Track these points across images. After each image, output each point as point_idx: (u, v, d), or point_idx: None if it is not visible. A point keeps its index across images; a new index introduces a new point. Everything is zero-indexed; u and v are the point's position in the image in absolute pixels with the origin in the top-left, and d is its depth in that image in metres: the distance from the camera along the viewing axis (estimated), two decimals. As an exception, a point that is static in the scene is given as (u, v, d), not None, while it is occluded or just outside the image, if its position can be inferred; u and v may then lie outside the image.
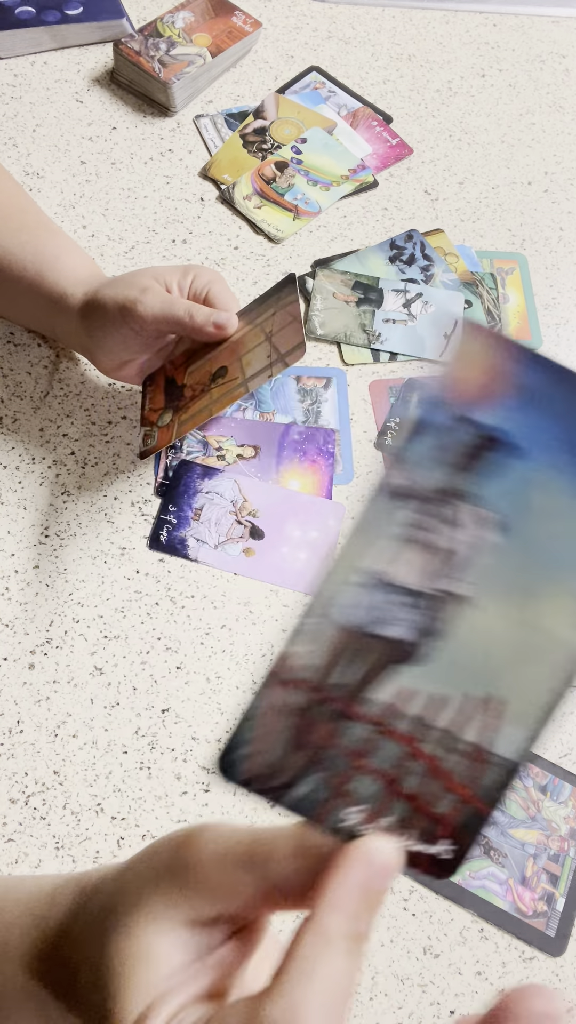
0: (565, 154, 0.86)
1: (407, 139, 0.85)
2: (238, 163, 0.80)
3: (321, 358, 0.72)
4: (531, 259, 0.79)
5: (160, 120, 0.82)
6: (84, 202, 0.77)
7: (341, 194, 0.80)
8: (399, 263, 0.77)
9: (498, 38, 0.94)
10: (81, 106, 0.82)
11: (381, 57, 0.90)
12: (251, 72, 0.87)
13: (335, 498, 0.66)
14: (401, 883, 0.54)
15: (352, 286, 0.75)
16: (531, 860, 0.55)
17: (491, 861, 0.54)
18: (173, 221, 0.77)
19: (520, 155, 0.86)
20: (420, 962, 0.52)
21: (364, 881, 0.22)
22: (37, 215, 0.66)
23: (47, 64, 0.85)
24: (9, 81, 0.83)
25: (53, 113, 0.81)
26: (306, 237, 0.78)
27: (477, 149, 0.85)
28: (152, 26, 0.83)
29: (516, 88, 0.90)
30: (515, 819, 0.56)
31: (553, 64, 0.93)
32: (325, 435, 0.68)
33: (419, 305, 0.74)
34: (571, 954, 0.53)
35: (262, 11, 0.91)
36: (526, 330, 0.75)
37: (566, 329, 0.76)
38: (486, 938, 0.53)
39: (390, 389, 0.71)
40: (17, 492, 0.63)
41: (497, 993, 0.24)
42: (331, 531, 0.64)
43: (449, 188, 0.82)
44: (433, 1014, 0.51)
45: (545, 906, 0.54)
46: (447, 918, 0.53)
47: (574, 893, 0.54)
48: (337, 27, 0.92)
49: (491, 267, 0.78)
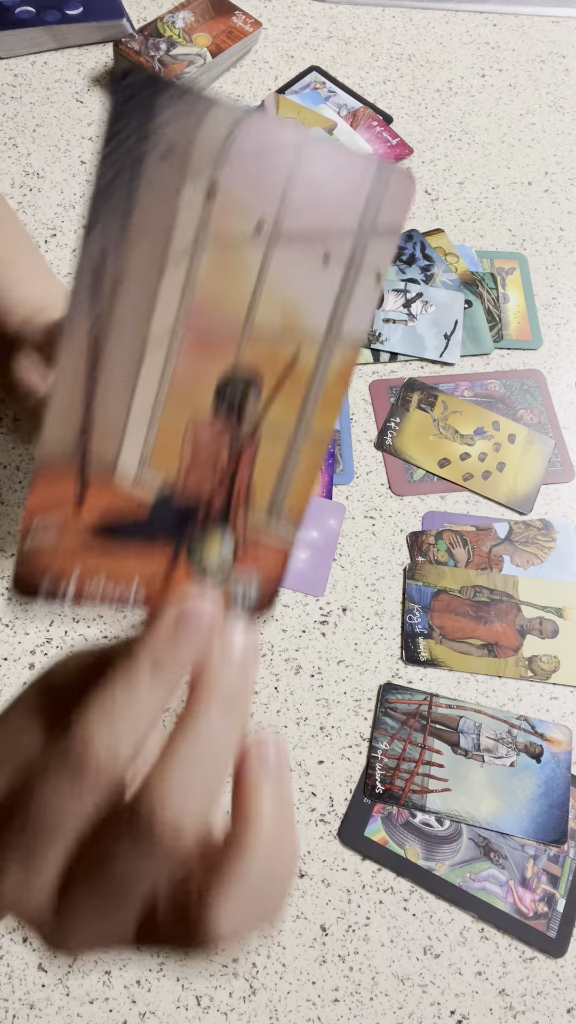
0: (565, 154, 0.86)
1: (407, 139, 0.85)
2: (238, 163, 0.80)
3: (321, 358, 0.72)
4: (531, 259, 0.79)
5: (160, 120, 0.82)
6: (84, 202, 0.77)
7: (341, 194, 0.80)
8: (399, 263, 0.77)
9: (498, 38, 0.94)
10: (81, 106, 0.82)
11: (381, 57, 0.90)
12: (251, 72, 0.87)
13: (335, 498, 0.66)
14: (401, 884, 0.54)
15: (352, 286, 0.75)
16: (531, 861, 0.55)
17: (491, 863, 0.54)
18: (173, 221, 0.77)
19: (520, 155, 0.86)
20: (420, 962, 0.52)
21: (172, 626, 0.24)
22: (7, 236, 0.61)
23: (47, 64, 0.85)
24: (9, 81, 0.83)
25: (53, 113, 0.81)
26: (306, 237, 0.78)
27: (477, 149, 0.85)
28: (152, 26, 0.83)
29: (516, 88, 0.90)
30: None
31: (553, 64, 0.93)
32: (325, 435, 0.68)
33: (419, 305, 0.74)
34: (572, 955, 0.53)
35: (262, 11, 0.91)
36: (526, 330, 0.75)
37: (566, 329, 0.76)
38: (486, 938, 0.53)
39: (390, 389, 0.71)
40: (17, 492, 0.63)
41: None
42: (331, 531, 0.64)
43: (449, 188, 0.82)
44: (433, 1014, 0.51)
45: (545, 907, 0.54)
46: (447, 918, 0.53)
47: (574, 894, 0.54)
48: (337, 27, 0.92)
49: (491, 267, 0.78)
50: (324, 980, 0.51)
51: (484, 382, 0.72)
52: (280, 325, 0.25)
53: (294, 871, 0.26)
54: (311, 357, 0.26)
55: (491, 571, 0.64)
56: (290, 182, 0.24)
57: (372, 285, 0.25)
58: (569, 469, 0.69)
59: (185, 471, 0.26)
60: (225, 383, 0.26)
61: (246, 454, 0.27)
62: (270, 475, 0.27)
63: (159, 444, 0.26)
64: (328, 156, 0.24)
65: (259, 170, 0.24)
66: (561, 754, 0.57)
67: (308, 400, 0.26)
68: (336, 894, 0.53)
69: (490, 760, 0.57)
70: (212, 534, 0.27)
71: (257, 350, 0.25)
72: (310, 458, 0.27)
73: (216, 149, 0.23)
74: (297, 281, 0.25)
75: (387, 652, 0.61)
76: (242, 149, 0.23)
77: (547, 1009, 0.52)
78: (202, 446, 0.26)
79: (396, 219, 0.25)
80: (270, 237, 0.25)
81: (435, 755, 0.57)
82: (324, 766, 0.57)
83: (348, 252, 0.25)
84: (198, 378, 0.25)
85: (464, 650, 0.61)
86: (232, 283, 0.25)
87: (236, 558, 0.28)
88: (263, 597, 0.28)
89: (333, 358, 0.26)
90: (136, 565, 0.27)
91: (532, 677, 0.60)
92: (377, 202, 0.25)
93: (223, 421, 0.26)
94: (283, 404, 0.26)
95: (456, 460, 0.68)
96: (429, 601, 0.62)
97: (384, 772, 0.56)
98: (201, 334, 0.25)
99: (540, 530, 0.66)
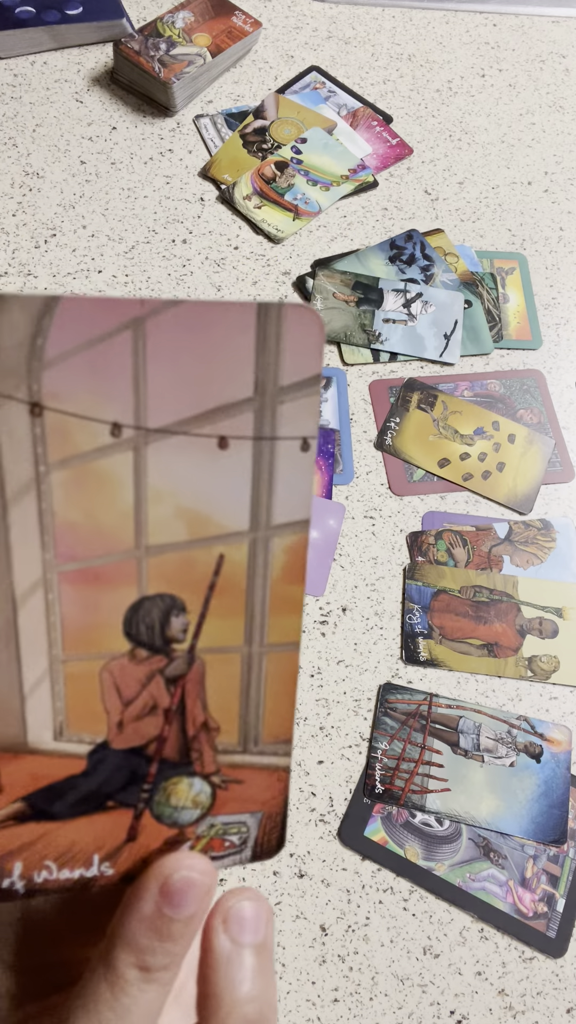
0: (565, 154, 0.86)
1: (407, 139, 0.85)
2: (238, 163, 0.80)
3: (321, 358, 0.72)
4: (531, 259, 0.79)
5: (160, 120, 0.82)
6: (84, 202, 0.77)
7: (341, 194, 0.80)
8: (399, 263, 0.77)
9: (498, 38, 0.94)
10: (81, 106, 0.82)
11: (381, 57, 0.90)
12: (251, 72, 0.87)
13: (335, 498, 0.66)
14: (401, 884, 0.54)
15: (352, 286, 0.75)
16: (531, 861, 0.55)
17: (491, 863, 0.54)
18: (173, 221, 0.77)
19: (520, 155, 0.86)
20: (420, 962, 0.52)
21: (153, 911, 0.20)
22: None
23: (47, 64, 0.85)
24: (9, 81, 0.83)
25: (53, 113, 0.81)
26: (306, 237, 0.78)
27: (477, 149, 0.85)
28: (152, 26, 0.83)
29: (516, 88, 0.90)
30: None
31: (553, 64, 0.93)
32: (325, 435, 0.68)
33: (419, 305, 0.74)
34: (572, 955, 0.53)
35: (262, 11, 0.91)
36: (526, 330, 0.75)
37: (566, 329, 0.76)
38: (486, 938, 0.53)
39: (390, 389, 0.71)
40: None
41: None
42: (331, 531, 0.64)
43: (449, 188, 0.82)
44: (433, 1014, 0.51)
45: (545, 907, 0.54)
46: (447, 918, 0.53)
47: (574, 894, 0.54)
48: (337, 27, 0.92)
49: (491, 267, 0.78)
50: (324, 980, 0.51)
51: (484, 382, 0.72)
52: (184, 531, 0.21)
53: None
54: (240, 556, 0.22)
55: (491, 571, 0.64)
56: (140, 368, 0.19)
57: (299, 455, 0.21)
58: (569, 469, 0.69)
59: (117, 722, 0.22)
60: (132, 613, 0.21)
61: (188, 684, 0.23)
62: (230, 698, 0.23)
63: (72, 704, 0.22)
64: (186, 318, 0.19)
65: (92, 365, 0.19)
66: (561, 754, 0.57)
67: (254, 605, 0.22)
68: (336, 894, 0.53)
69: (490, 760, 0.57)
70: (175, 781, 0.23)
71: (163, 566, 0.21)
72: (280, 669, 0.23)
73: (24, 356, 0.19)
74: (190, 477, 0.21)
75: (387, 652, 0.61)
76: (61, 346, 0.19)
77: (547, 1009, 0.52)
78: (129, 689, 0.22)
79: (308, 367, 0.20)
80: (135, 437, 0.20)
81: (435, 755, 0.57)
82: (324, 766, 0.57)
83: (250, 427, 0.21)
84: (97, 618, 0.21)
85: (464, 650, 0.61)
86: (102, 501, 0.20)
87: (216, 800, 0.23)
88: (266, 833, 0.24)
89: (273, 550, 0.22)
90: (91, 839, 0.22)
91: (532, 677, 0.60)
92: (272, 356, 0.20)
93: (146, 655, 0.22)
94: (221, 617, 0.22)
95: (456, 460, 0.68)
96: (429, 601, 0.62)
97: (384, 772, 0.56)
98: (83, 568, 0.21)
99: (540, 530, 0.66)
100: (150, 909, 0.20)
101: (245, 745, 0.23)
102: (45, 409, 0.19)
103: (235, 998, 0.20)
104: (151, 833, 0.23)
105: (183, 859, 0.21)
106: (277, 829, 0.24)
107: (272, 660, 0.23)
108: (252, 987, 0.20)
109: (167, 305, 0.19)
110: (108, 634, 0.21)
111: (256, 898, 0.22)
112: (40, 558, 0.21)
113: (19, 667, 0.21)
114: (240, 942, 0.21)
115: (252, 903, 0.21)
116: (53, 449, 0.19)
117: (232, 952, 0.21)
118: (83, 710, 0.22)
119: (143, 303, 0.19)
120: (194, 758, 0.23)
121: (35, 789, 0.22)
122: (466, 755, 0.57)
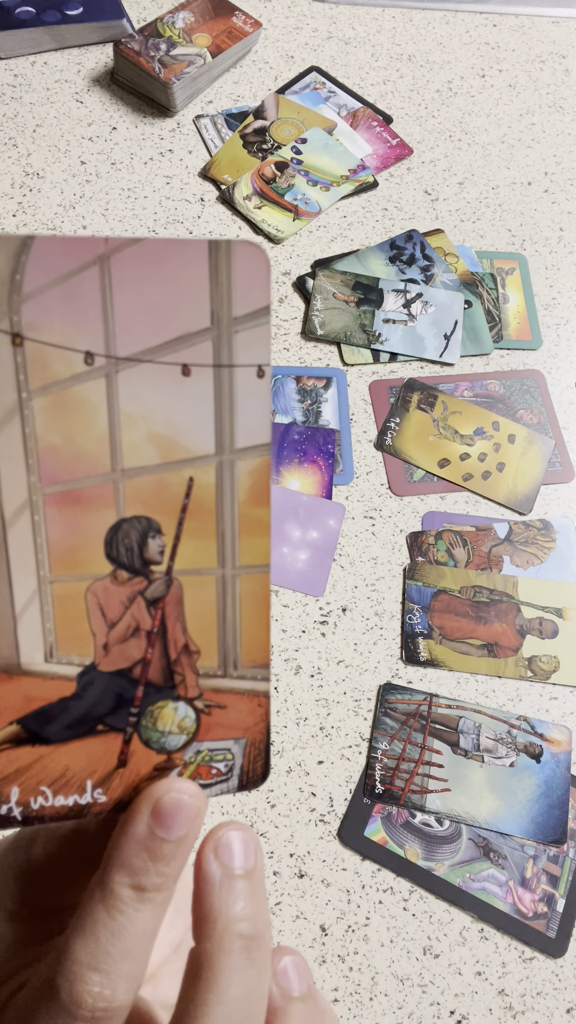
0: (565, 154, 0.86)
1: (407, 139, 0.85)
2: (238, 163, 0.80)
3: (321, 358, 0.72)
4: (531, 259, 0.79)
5: (160, 120, 0.82)
6: (84, 202, 0.77)
7: (341, 194, 0.80)
8: (399, 263, 0.77)
9: (498, 38, 0.94)
10: (81, 106, 0.82)
11: (381, 57, 0.90)
12: (251, 72, 0.87)
13: (335, 498, 0.66)
14: (401, 884, 0.54)
15: (352, 286, 0.75)
16: (531, 861, 0.55)
17: (491, 863, 0.54)
18: (173, 221, 0.77)
19: (520, 155, 0.86)
20: (420, 962, 0.52)
21: (145, 832, 0.21)
22: None
23: (47, 64, 0.85)
24: (9, 81, 0.83)
25: (53, 113, 0.81)
26: (306, 237, 0.78)
27: (477, 149, 0.85)
28: (152, 26, 0.83)
29: (516, 88, 0.90)
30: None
31: (553, 64, 0.93)
32: (325, 435, 0.68)
33: (419, 305, 0.74)
34: (571, 955, 0.53)
35: (262, 11, 0.91)
36: (526, 330, 0.75)
37: (566, 329, 0.76)
38: (486, 938, 0.53)
39: (390, 389, 0.71)
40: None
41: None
42: (331, 531, 0.64)
43: (449, 188, 0.82)
44: (433, 1014, 0.51)
45: (545, 907, 0.54)
46: (447, 918, 0.53)
47: (574, 894, 0.54)
48: (337, 27, 0.92)
49: (491, 267, 0.78)
50: (324, 980, 0.51)
51: (484, 382, 0.72)
52: (155, 455, 0.22)
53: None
54: (209, 479, 0.23)
55: (491, 571, 0.64)
56: (107, 300, 0.21)
57: (255, 381, 0.22)
58: (569, 469, 0.69)
59: (103, 644, 0.23)
60: (112, 535, 0.22)
61: (168, 606, 0.23)
62: (208, 621, 0.23)
63: (61, 625, 0.22)
64: (145, 256, 0.21)
65: (65, 298, 0.20)
66: (561, 754, 0.57)
67: (224, 527, 0.23)
68: (336, 894, 0.53)
69: (490, 760, 0.57)
70: (161, 705, 0.23)
71: (139, 489, 0.22)
72: (252, 591, 0.23)
73: (5, 290, 0.20)
74: (158, 403, 0.22)
75: (387, 652, 0.61)
76: (36, 281, 0.20)
77: (547, 1009, 0.52)
78: (113, 611, 0.23)
79: (257, 299, 0.22)
80: (107, 365, 0.21)
81: (435, 755, 0.57)
82: (324, 766, 0.57)
83: (209, 355, 0.22)
84: (80, 540, 0.22)
85: (464, 650, 0.61)
86: (80, 426, 0.22)
87: (200, 725, 0.24)
88: (251, 761, 0.24)
89: (238, 473, 0.23)
90: (83, 764, 0.23)
91: (532, 677, 0.60)
92: (225, 289, 0.21)
93: (127, 577, 0.23)
94: (194, 539, 0.23)
95: (456, 460, 0.68)
96: (429, 601, 0.62)
97: (384, 772, 0.56)
98: (65, 491, 0.22)
99: (540, 530, 0.66)
100: (142, 831, 0.21)
101: (225, 669, 0.24)
102: (25, 339, 0.21)
103: (229, 916, 0.21)
104: (141, 759, 0.23)
105: (172, 782, 0.22)
106: (261, 757, 0.24)
107: (245, 582, 0.24)
108: (246, 906, 0.21)
109: (129, 243, 0.21)
110: (91, 556, 0.22)
111: (245, 828, 0.23)
112: (26, 481, 0.22)
113: (10, 588, 0.22)
114: (231, 867, 0.22)
115: (241, 832, 0.22)
116: (33, 377, 0.21)
117: (224, 877, 0.22)
118: (71, 631, 0.23)
119: (107, 240, 0.20)
120: (177, 681, 0.24)
121: (28, 711, 0.22)
122: (466, 755, 0.57)
